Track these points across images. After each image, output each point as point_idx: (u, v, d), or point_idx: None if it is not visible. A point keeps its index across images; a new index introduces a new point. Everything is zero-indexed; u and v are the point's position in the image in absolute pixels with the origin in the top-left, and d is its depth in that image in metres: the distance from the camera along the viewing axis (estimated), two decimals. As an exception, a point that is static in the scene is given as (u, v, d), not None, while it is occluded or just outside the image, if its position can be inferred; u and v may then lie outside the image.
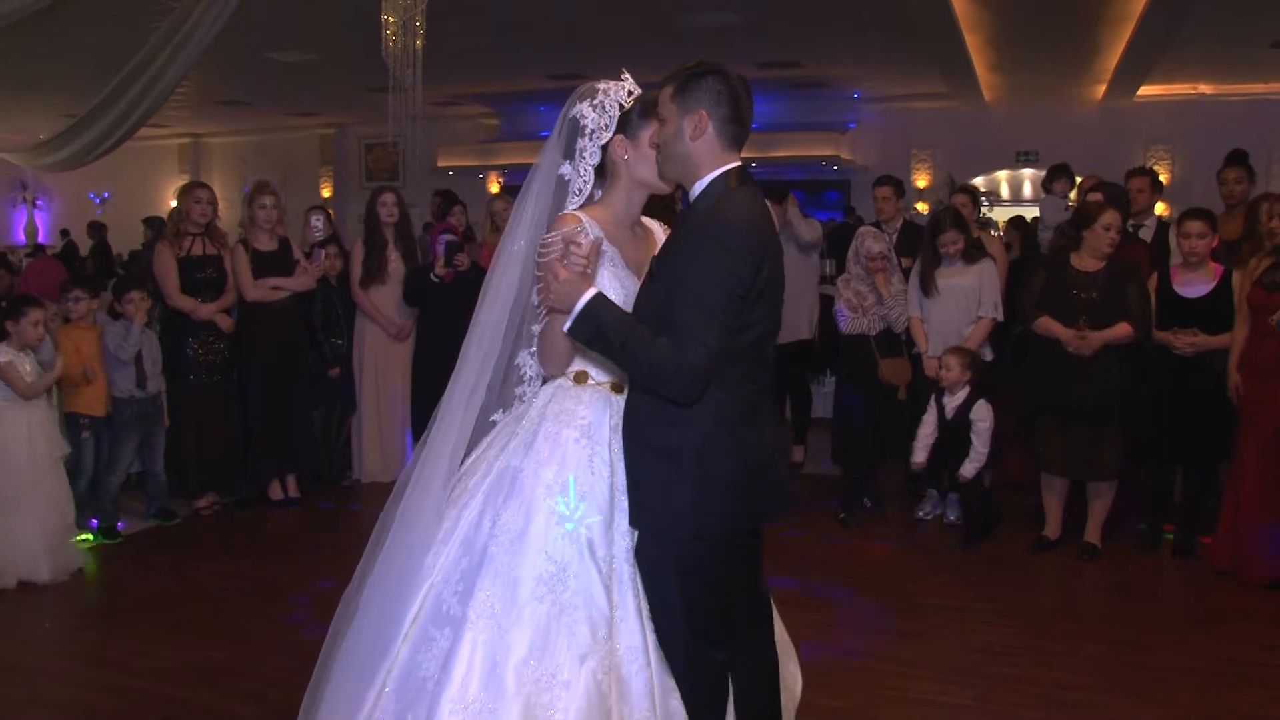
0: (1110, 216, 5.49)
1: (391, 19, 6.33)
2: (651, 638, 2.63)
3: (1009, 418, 6.43)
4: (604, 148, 2.83)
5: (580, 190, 2.86)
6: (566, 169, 2.87)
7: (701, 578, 2.57)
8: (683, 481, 2.52)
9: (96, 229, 14.65)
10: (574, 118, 2.86)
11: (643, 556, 2.61)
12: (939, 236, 6.09)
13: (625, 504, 2.65)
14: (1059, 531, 5.76)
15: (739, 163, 2.62)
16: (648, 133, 2.75)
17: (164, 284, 6.20)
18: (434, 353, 6.95)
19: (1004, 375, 6.29)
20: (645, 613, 2.64)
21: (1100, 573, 5.47)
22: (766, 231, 2.54)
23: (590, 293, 2.53)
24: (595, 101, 2.83)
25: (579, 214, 2.77)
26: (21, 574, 5.16)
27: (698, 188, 2.62)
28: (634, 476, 2.60)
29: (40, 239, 17.76)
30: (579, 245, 2.59)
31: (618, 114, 2.81)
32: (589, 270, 2.59)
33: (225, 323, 6.38)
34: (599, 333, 2.51)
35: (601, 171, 2.86)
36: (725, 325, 2.41)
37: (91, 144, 8.35)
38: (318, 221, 7.43)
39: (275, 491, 6.63)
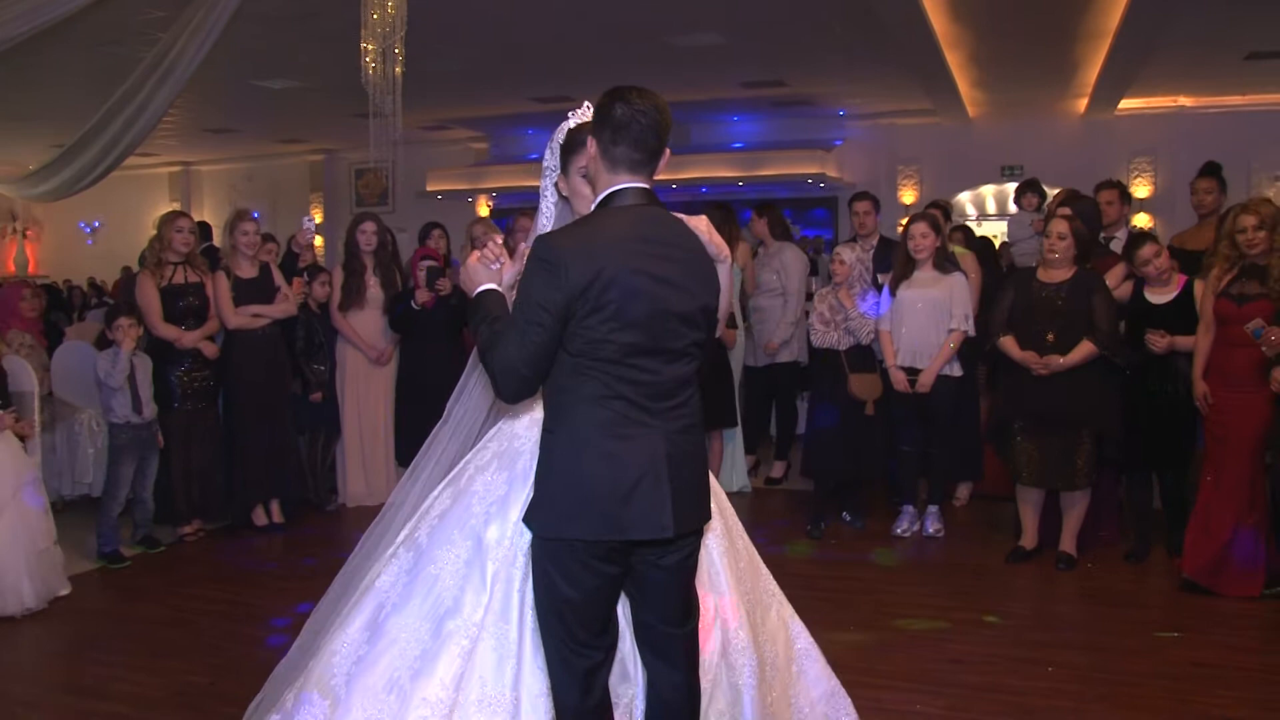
0: (1057, 225, 5.59)
1: (370, 46, 6.39)
2: (530, 626, 2.78)
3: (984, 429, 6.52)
4: (556, 185, 2.99)
5: (544, 227, 3.04)
6: None
7: (560, 580, 2.62)
8: (542, 484, 2.64)
9: None
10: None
11: (532, 551, 2.73)
12: (910, 227, 6.20)
13: None
14: (1035, 541, 5.82)
15: (635, 184, 2.65)
16: (574, 166, 2.86)
17: (147, 313, 6.24)
18: (417, 377, 7.03)
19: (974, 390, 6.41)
20: (530, 599, 2.77)
21: (1075, 581, 5.53)
22: (618, 250, 2.53)
23: (486, 285, 2.74)
24: (551, 145, 2.98)
25: None
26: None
27: (592, 209, 2.72)
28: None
29: (30, 270, 17.84)
30: (497, 241, 2.81)
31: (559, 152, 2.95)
32: (496, 266, 2.78)
33: (209, 350, 6.43)
34: (477, 322, 2.70)
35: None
36: (529, 335, 2.51)
37: (80, 173, 8.43)
38: (310, 224, 7.47)
39: (260, 517, 6.67)
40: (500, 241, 2.83)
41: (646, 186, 2.68)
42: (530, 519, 2.66)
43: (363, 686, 2.83)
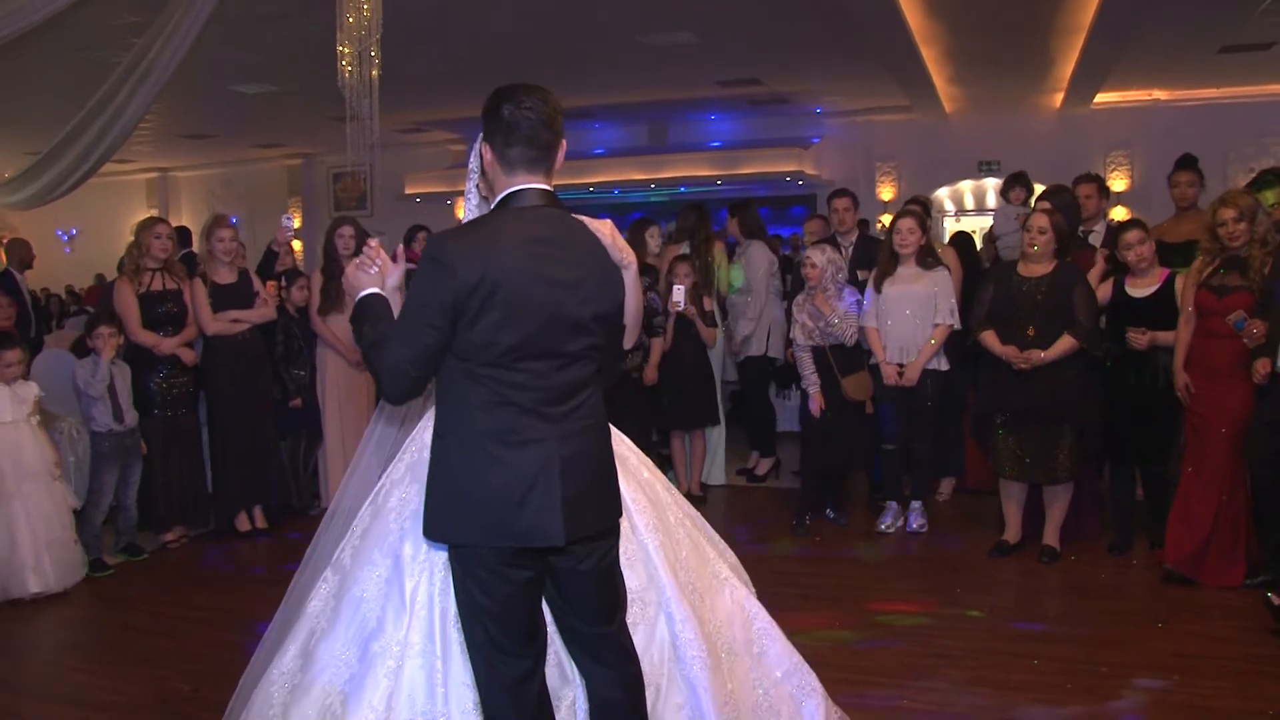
0: (1037, 219, 5.62)
1: (346, 49, 6.37)
2: (455, 640, 2.78)
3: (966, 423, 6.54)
4: (478, 186, 3.02)
5: None
6: None
7: (475, 588, 2.60)
8: (433, 491, 2.63)
9: None
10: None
11: (449, 562, 2.72)
12: (896, 223, 6.20)
13: None
14: (1018, 535, 5.85)
15: (531, 184, 2.64)
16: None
17: (125, 320, 6.20)
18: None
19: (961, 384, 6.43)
20: (450, 614, 2.76)
21: (1058, 575, 5.56)
22: (509, 251, 2.52)
23: (368, 290, 2.73)
24: (475, 147, 2.95)
25: None
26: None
27: (491, 209, 2.73)
28: None
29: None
30: (371, 244, 2.81)
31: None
32: (374, 270, 2.78)
33: (188, 356, 6.40)
34: (360, 326, 2.69)
35: None
36: (418, 335, 2.50)
37: (55, 181, 8.37)
38: (289, 222, 7.44)
39: (243, 523, 6.64)
40: (376, 244, 2.82)
41: (546, 187, 2.67)
42: (425, 526, 2.65)
43: (298, 716, 2.84)
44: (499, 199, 2.66)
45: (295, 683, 2.89)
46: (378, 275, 2.78)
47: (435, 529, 2.63)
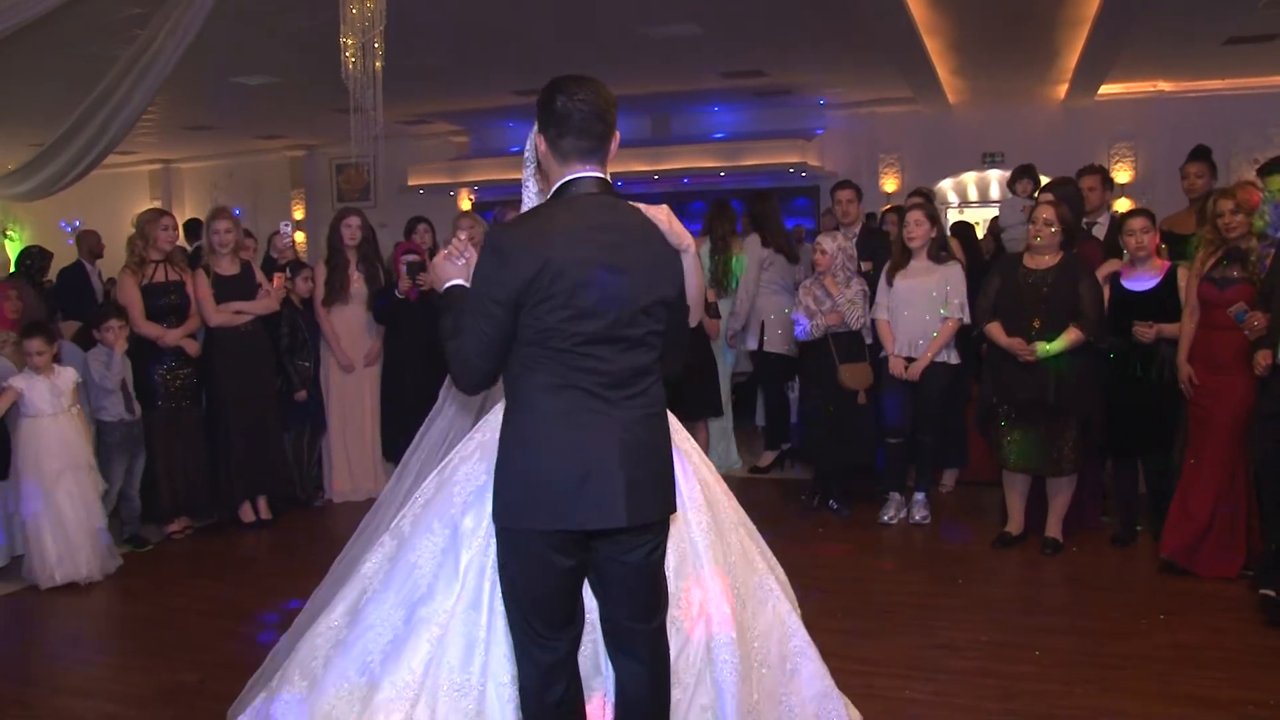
0: (1042, 211, 5.62)
1: (350, 41, 6.36)
2: (500, 614, 2.83)
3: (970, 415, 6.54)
4: (535, 177, 3.06)
5: None
6: None
7: (516, 570, 2.66)
8: (499, 474, 2.66)
9: None
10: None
11: (495, 540, 2.77)
12: (905, 214, 6.20)
13: None
14: (1021, 527, 5.87)
15: (587, 173, 2.68)
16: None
17: (130, 312, 6.21)
18: (401, 372, 7.02)
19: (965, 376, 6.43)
20: (499, 591, 2.80)
21: (1061, 566, 5.57)
22: (568, 239, 2.56)
23: (453, 281, 2.81)
24: (531, 135, 2.97)
25: None
26: (33, 576, 5.59)
27: (547, 199, 2.77)
28: None
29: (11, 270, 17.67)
30: (461, 238, 2.86)
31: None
32: (461, 261, 2.83)
33: (192, 347, 6.42)
34: (444, 316, 2.74)
35: None
36: (482, 326, 2.56)
37: (59, 173, 8.36)
38: (286, 228, 7.46)
39: (246, 514, 6.65)
40: (464, 237, 2.88)
41: (601, 175, 2.70)
42: (495, 511, 2.68)
43: (337, 669, 2.92)
44: (555, 188, 2.70)
45: (340, 638, 2.99)
46: (464, 267, 2.82)
47: (506, 514, 2.64)
